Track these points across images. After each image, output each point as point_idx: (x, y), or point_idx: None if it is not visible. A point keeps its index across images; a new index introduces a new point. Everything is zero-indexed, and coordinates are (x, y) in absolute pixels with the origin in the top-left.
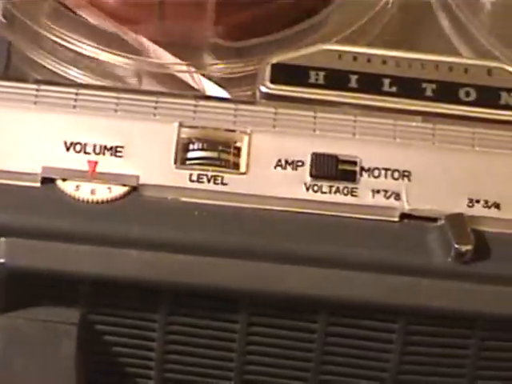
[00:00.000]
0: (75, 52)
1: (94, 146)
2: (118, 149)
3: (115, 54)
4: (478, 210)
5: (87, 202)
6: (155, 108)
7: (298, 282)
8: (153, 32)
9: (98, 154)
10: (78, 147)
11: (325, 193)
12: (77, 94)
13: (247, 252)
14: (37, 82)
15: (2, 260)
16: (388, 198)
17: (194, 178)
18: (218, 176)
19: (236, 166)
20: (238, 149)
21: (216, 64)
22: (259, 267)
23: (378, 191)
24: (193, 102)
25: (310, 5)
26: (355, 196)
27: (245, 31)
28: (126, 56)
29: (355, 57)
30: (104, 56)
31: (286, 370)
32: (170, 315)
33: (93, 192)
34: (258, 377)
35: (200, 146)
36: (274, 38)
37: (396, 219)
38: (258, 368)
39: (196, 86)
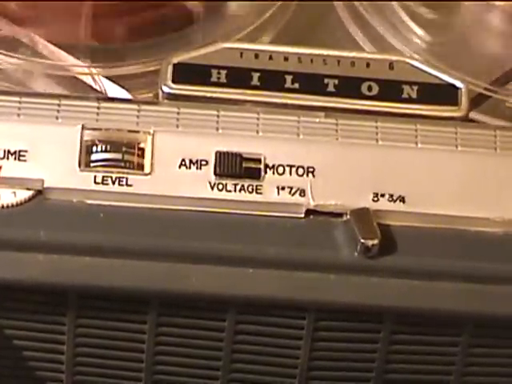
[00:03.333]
0: None
1: None
2: (22, 153)
3: (16, 58)
4: (383, 204)
5: None
6: (58, 111)
7: (205, 281)
8: (49, 33)
9: (2, 158)
10: None
11: (230, 191)
12: None
13: (153, 252)
14: None
15: None
16: (293, 194)
17: (99, 180)
18: (122, 177)
19: (140, 166)
20: (142, 149)
21: (112, 65)
22: (165, 267)
23: (283, 188)
24: (95, 103)
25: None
26: (260, 193)
27: (141, 32)
28: (27, 59)
29: (257, 54)
30: (5, 60)
31: (197, 370)
32: (78, 318)
33: None
34: (169, 377)
35: (104, 148)
36: (171, 37)
37: (302, 215)
38: (168, 368)
39: (98, 88)
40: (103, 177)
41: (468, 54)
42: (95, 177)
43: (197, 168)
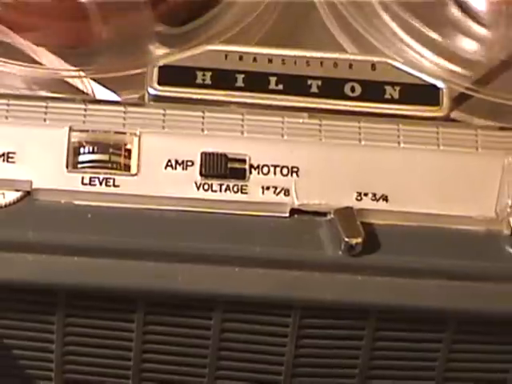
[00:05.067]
0: None
1: None
2: (10, 155)
3: (3, 60)
4: (367, 203)
5: None
6: (45, 113)
7: (191, 280)
8: (36, 37)
9: None
10: None
11: (215, 191)
12: None
13: (140, 252)
14: None
15: None
16: (278, 194)
17: (86, 180)
18: (109, 178)
19: (127, 167)
20: (129, 151)
21: (99, 67)
22: (152, 267)
23: (268, 188)
24: (82, 105)
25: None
26: (245, 193)
27: (129, 33)
28: (15, 62)
29: (241, 56)
30: None
31: (184, 367)
32: (67, 317)
33: None
34: (156, 374)
35: (91, 150)
36: (158, 40)
37: (286, 215)
38: (156, 365)
39: (85, 90)
40: (90, 178)
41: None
42: (83, 178)
43: (183, 168)
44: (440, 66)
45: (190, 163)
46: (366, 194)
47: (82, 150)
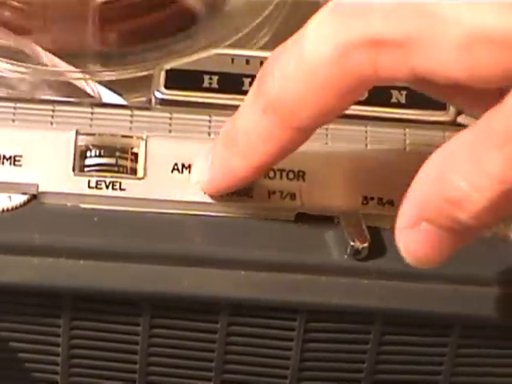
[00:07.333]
0: None
1: None
2: (17, 158)
3: (10, 64)
4: (373, 208)
5: None
6: (52, 117)
7: (197, 283)
8: (43, 41)
9: None
10: None
11: (221, 195)
12: None
13: (146, 255)
14: None
15: None
16: (284, 198)
17: (93, 184)
18: (116, 182)
19: (133, 171)
20: (135, 154)
21: (105, 71)
22: (158, 270)
23: (274, 192)
24: (89, 109)
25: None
26: (251, 197)
27: (134, 37)
28: (21, 65)
29: (248, 60)
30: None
31: (189, 371)
32: (73, 320)
33: None
34: (162, 378)
35: (97, 153)
36: (163, 43)
37: (292, 219)
38: (161, 369)
39: (92, 94)
40: (97, 181)
41: None
42: (89, 181)
43: (189, 172)
44: None
45: None
46: (372, 199)
47: (88, 153)
